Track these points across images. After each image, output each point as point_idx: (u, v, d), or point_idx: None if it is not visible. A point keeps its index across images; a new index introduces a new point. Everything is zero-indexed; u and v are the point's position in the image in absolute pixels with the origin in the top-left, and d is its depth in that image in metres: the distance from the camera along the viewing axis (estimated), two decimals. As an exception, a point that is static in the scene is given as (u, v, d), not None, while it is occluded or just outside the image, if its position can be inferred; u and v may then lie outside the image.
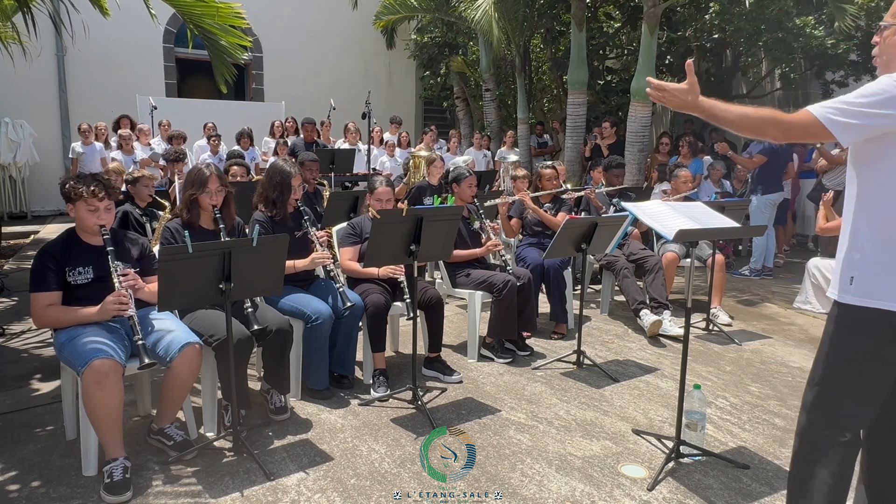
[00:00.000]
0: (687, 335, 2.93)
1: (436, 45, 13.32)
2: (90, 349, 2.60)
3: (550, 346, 4.58)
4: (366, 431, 3.19)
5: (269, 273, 2.86)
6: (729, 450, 3.07)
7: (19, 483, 2.67)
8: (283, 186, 3.66)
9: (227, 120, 10.14)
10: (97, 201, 2.81)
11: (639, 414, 3.47)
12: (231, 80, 6.29)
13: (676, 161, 7.20)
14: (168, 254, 2.56)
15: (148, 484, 2.66)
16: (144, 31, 10.11)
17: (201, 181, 3.23)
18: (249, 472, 2.76)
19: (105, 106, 10.47)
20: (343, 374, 3.73)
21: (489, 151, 10.83)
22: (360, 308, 3.62)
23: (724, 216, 2.97)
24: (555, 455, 2.98)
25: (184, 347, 2.76)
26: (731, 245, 7.86)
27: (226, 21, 5.85)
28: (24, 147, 10.47)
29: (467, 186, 4.51)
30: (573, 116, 9.44)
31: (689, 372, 3.04)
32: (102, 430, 2.61)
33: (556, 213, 5.21)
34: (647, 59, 8.09)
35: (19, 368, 4.01)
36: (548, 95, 13.52)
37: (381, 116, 11.11)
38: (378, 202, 3.92)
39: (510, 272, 4.25)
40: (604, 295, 5.54)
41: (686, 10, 9.47)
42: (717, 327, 5.00)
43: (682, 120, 10.39)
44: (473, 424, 3.29)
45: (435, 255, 3.68)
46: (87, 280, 2.85)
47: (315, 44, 13.51)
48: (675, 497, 2.65)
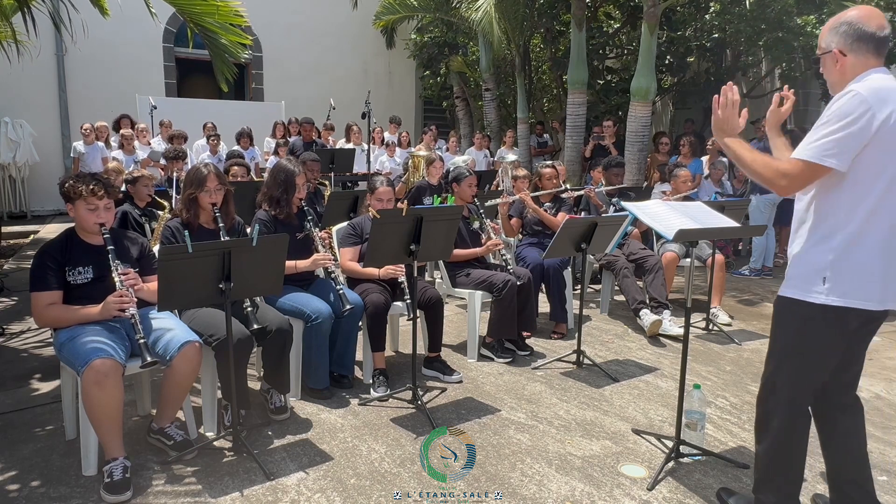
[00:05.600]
0: (687, 335, 2.93)
1: (436, 44, 13.31)
2: (90, 349, 2.60)
3: (550, 346, 4.58)
4: (366, 431, 3.19)
5: (269, 273, 2.86)
6: (729, 449, 3.07)
7: (19, 483, 2.67)
8: (288, 185, 3.66)
9: (226, 120, 10.14)
10: (97, 200, 2.81)
11: (639, 414, 3.47)
12: (232, 78, 6.30)
13: (676, 161, 7.20)
14: (168, 253, 2.55)
15: (148, 484, 2.66)
16: (144, 31, 10.11)
17: (200, 180, 3.23)
18: (249, 471, 2.76)
19: (105, 106, 10.47)
20: (343, 374, 3.72)
21: (489, 151, 10.83)
22: (360, 308, 3.62)
23: (724, 216, 2.97)
24: (555, 455, 2.98)
25: (183, 346, 2.76)
26: (731, 245, 7.86)
27: (226, 20, 5.86)
28: (23, 147, 10.47)
29: (467, 186, 4.51)
30: (573, 116, 9.44)
31: (688, 372, 3.04)
32: (102, 430, 2.61)
33: (556, 213, 5.21)
34: (647, 58, 8.08)
35: (19, 368, 4.01)
36: (548, 95, 13.51)
37: (381, 116, 11.11)
38: (378, 202, 3.92)
39: (510, 272, 4.25)
40: (604, 295, 5.54)
41: (686, 9, 9.46)
42: (717, 327, 5.00)
43: (682, 120, 10.38)
44: (473, 424, 3.29)
45: (435, 254, 3.68)
46: (86, 280, 2.85)
47: (315, 44, 13.50)
48: (674, 497, 2.65)
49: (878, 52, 2.11)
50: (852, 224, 2.06)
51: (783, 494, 2.27)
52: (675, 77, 10.78)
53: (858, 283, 2.06)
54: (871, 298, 2.07)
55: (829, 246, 2.09)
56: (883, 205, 2.05)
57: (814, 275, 2.11)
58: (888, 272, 2.09)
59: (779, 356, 2.25)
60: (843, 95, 2.03)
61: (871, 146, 2.01)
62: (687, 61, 10.19)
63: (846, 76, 2.12)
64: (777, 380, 2.25)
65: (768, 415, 2.28)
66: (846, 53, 2.12)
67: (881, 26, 2.09)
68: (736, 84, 9.57)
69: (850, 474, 2.31)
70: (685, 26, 9.62)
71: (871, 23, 2.09)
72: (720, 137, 2.29)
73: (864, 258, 2.06)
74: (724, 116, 2.27)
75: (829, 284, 2.08)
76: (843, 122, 1.98)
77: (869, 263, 2.06)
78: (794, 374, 2.21)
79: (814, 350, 2.17)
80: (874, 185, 2.04)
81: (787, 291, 2.20)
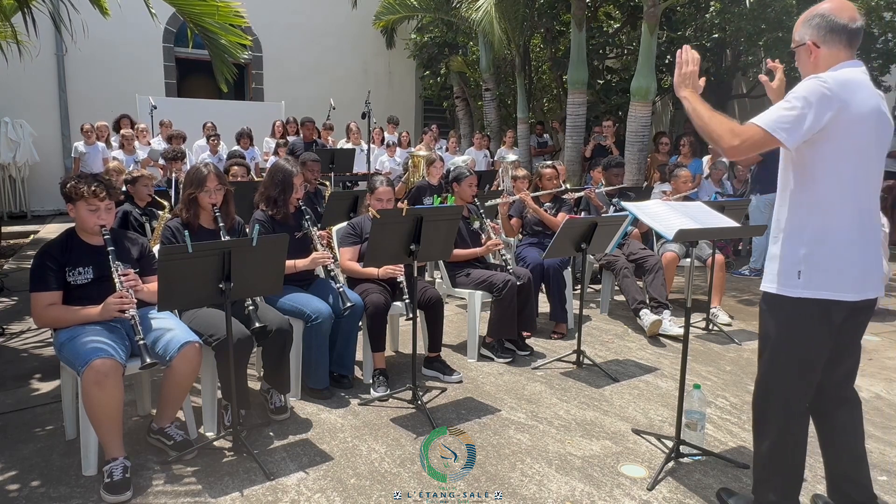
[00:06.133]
0: (687, 335, 2.93)
1: (436, 44, 13.32)
2: (90, 349, 2.60)
3: (550, 346, 4.58)
4: (366, 431, 3.19)
5: (269, 273, 2.86)
6: (729, 449, 3.07)
7: (19, 483, 2.68)
8: (285, 185, 3.66)
9: (226, 120, 10.14)
10: (98, 201, 2.81)
11: (639, 413, 3.47)
12: (232, 78, 6.30)
13: (676, 161, 7.20)
14: (168, 253, 2.55)
15: (148, 484, 2.66)
16: (144, 31, 10.10)
17: (199, 180, 3.23)
18: (249, 471, 2.76)
19: (105, 106, 10.47)
20: (343, 374, 3.72)
21: (489, 151, 10.83)
22: (360, 308, 3.62)
23: (723, 216, 2.97)
24: (555, 455, 2.99)
25: (183, 347, 2.76)
26: (731, 245, 7.85)
27: (225, 20, 5.86)
28: (23, 147, 10.47)
29: (468, 186, 4.51)
30: (573, 116, 9.44)
31: (688, 372, 3.04)
32: (102, 430, 2.61)
33: (557, 213, 5.21)
34: (647, 58, 8.09)
35: (19, 368, 4.01)
36: (548, 95, 13.52)
37: (380, 116, 11.11)
38: (379, 202, 3.92)
39: (510, 272, 4.25)
40: (604, 295, 5.54)
41: (686, 9, 9.47)
42: (717, 327, 5.00)
43: (682, 119, 10.38)
44: (473, 424, 3.29)
45: (435, 254, 3.68)
46: (86, 280, 2.85)
47: (315, 44, 13.50)
48: (674, 497, 2.65)
49: (851, 44, 2.14)
50: (821, 216, 2.10)
51: (782, 495, 2.27)
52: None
53: (833, 275, 2.09)
54: (847, 289, 2.09)
55: (801, 240, 2.13)
56: (849, 194, 2.09)
57: (790, 269, 2.15)
58: (865, 260, 2.11)
59: (768, 355, 2.27)
60: (810, 79, 2.07)
61: (833, 137, 2.04)
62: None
63: (819, 68, 2.15)
64: (769, 380, 2.27)
65: (764, 416, 2.29)
66: (819, 45, 2.15)
67: (853, 18, 2.12)
68: (736, 84, 9.56)
69: (848, 472, 2.32)
70: (685, 26, 9.62)
71: (843, 14, 2.12)
72: (681, 91, 2.32)
73: (836, 249, 2.09)
74: (688, 72, 2.31)
75: (803, 278, 2.11)
76: (803, 102, 2.02)
77: (842, 254, 2.09)
78: (785, 373, 2.22)
79: (800, 345, 2.18)
80: (840, 176, 2.08)
81: (767, 286, 2.23)
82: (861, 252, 2.11)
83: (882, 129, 2.13)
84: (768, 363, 2.27)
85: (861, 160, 2.10)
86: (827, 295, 2.09)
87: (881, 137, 2.14)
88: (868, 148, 2.11)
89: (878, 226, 2.22)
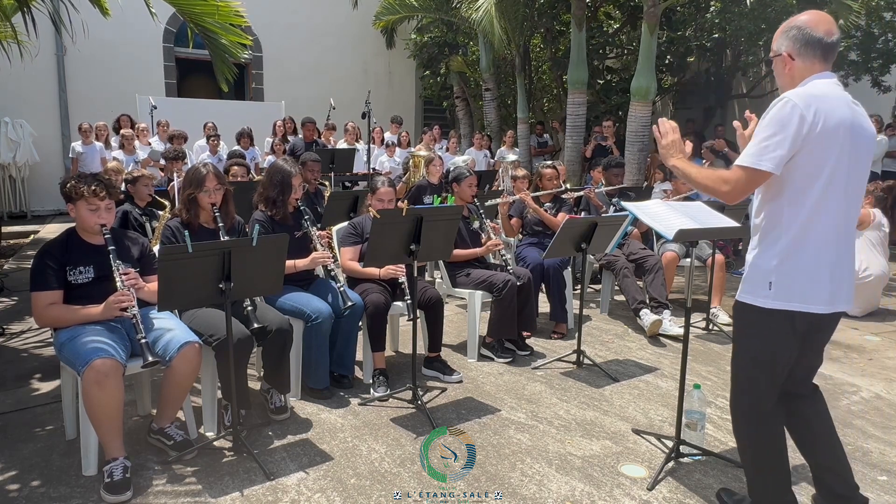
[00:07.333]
0: (687, 335, 2.93)
1: (436, 44, 13.32)
2: (90, 349, 2.60)
3: (550, 346, 4.58)
4: (366, 431, 3.19)
5: (269, 272, 2.86)
6: (729, 449, 3.07)
7: (19, 483, 2.68)
8: (284, 185, 3.66)
9: (226, 120, 10.14)
10: (98, 201, 2.81)
11: (639, 413, 3.47)
12: (232, 78, 6.30)
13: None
14: (168, 253, 2.55)
15: (148, 484, 2.66)
16: (144, 31, 10.11)
17: (199, 180, 3.23)
18: (249, 471, 2.76)
19: (105, 106, 10.47)
20: (343, 374, 3.72)
21: (489, 151, 10.83)
22: (360, 308, 3.62)
23: (724, 216, 2.98)
24: (555, 455, 2.99)
25: (183, 347, 2.76)
26: (731, 245, 7.85)
27: (226, 20, 5.86)
28: (23, 147, 10.47)
29: (468, 186, 4.51)
30: (573, 116, 9.44)
31: (689, 371, 3.04)
32: (102, 430, 2.61)
33: (557, 213, 5.21)
34: (647, 58, 8.09)
35: (19, 368, 4.01)
36: (548, 95, 13.52)
37: (381, 116, 11.11)
38: (380, 202, 3.92)
39: (510, 272, 4.25)
40: (604, 295, 5.54)
41: (686, 9, 9.47)
42: (717, 327, 5.00)
43: (682, 119, 10.38)
44: (473, 424, 3.29)
45: (435, 254, 3.68)
46: (87, 280, 2.85)
47: (315, 44, 13.50)
48: (674, 497, 2.65)
49: (825, 58, 2.15)
50: (793, 229, 2.11)
51: (774, 492, 2.31)
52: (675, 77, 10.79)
53: (802, 286, 2.11)
54: (816, 301, 2.11)
55: (774, 251, 2.15)
56: (821, 208, 2.09)
57: (762, 279, 2.17)
58: (835, 273, 2.12)
59: (737, 361, 2.33)
60: (777, 103, 2.08)
61: (805, 151, 2.04)
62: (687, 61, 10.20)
63: (794, 80, 2.16)
64: (738, 385, 2.33)
65: (738, 420, 2.36)
66: (794, 57, 2.16)
67: (829, 32, 2.13)
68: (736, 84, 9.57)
69: (827, 462, 2.36)
70: (685, 26, 9.62)
71: (819, 28, 2.13)
72: (668, 161, 2.38)
73: (807, 261, 2.10)
74: (672, 140, 2.35)
75: (773, 289, 2.13)
76: (775, 128, 2.04)
77: (813, 266, 2.10)
78: (751, 377, 2.27)
79: (765, 352, 2.21)
80: (811, 190, 2.08)
81: (741, 296, 2.27)
82: (832, 265, 2.11)
83: (857, 139, 2.09)
84: (736, 369, 2.34)
85: (833, 173, 2.07)
86: (796, 307, 2.11)
87: (856, 148, 2.10)
88: (840, 160, 2.06)
89: (851, 239, 2.22)
